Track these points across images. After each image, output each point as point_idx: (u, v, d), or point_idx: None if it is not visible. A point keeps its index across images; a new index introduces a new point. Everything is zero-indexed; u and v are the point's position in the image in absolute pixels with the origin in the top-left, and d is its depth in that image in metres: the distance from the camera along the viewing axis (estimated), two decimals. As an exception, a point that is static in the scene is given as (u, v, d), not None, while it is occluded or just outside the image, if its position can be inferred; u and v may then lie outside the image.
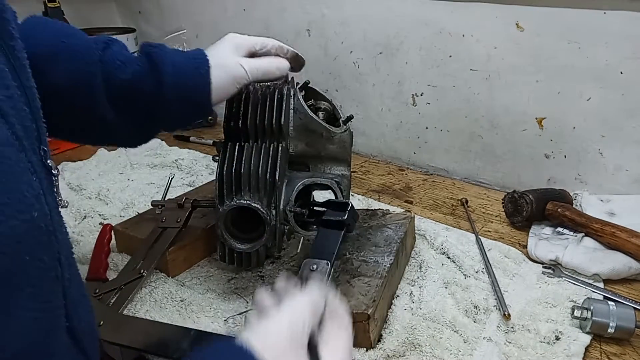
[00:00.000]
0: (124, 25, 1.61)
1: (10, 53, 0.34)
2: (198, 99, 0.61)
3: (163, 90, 0.59)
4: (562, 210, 0.85)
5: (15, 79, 0.34)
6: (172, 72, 0.59)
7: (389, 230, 0.77)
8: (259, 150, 0.69)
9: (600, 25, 0.87)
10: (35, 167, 0.33)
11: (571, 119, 0.96)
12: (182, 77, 0.60)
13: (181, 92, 0.60)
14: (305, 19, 1.23)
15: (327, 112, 0.77)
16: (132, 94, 0.60)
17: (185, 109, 0.62)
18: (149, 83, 0.60)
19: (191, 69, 0.60)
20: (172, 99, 0.60)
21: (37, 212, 0.30)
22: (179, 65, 0.60)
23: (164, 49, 0.62)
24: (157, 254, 0.74)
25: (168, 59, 0.60)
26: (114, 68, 0.59)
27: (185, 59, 0.61)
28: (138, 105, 0.61)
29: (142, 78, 0.60)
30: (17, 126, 0.31)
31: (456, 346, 0.63)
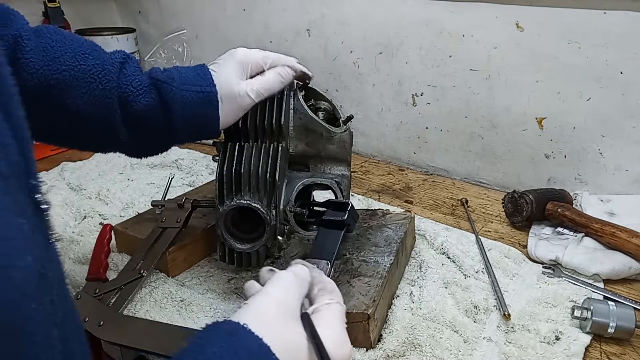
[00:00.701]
0: (124, 25, 1.61)
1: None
2: (207, 129, 0.64)
3: (174, 125, 0.63)
4: (562, 210, 0.85)
5: (2, 111, 0.31)
6: (181, 109, 0.62)
7: (389, 230, 0.77)
8: (259, 151, 0.69)
9: (600, 25, 0.87)
10: (22, 207, 0.31)
11: (571, 119, 0.96)
12: (191, 114, 0.62)
13: (191, 125, 0.63)
14: (305, 19, 1.23)
15: (327, 112, 0.77)
16: (145, 122, 0.62)
17: (195, 136, 0.66)
18: (160, 116, 0.62)
19: (200, 105, 0.62)
20: (182, 130, 0.64)
21: (30, 255, 0.29)
22: (188, 102, 0.62)
23: (172, 82, 0.62)
24: (157, 254, 0.74)
25: (177, 95, 0.61)
26: (129, 94, 0.60)
27: (194, 95, 0.62)
28: (150, 130, 0.64)
29: (153, 110, 0.62)
30: (1, 164, 0.29)
31: (456, 346, 0.63)
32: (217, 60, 0.66)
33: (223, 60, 0.65)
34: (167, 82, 0.61)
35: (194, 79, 0.63)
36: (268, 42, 1.32)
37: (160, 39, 1.49)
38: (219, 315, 0.68)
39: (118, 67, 0.61)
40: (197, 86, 0.62)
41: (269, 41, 1.32)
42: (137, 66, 0.64)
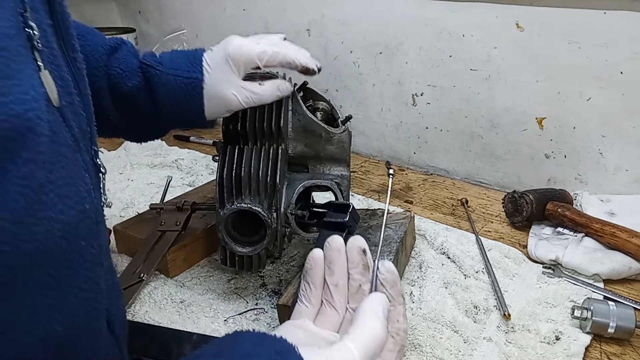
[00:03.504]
0: (124, 25, 1.61)
1: (72, 64, 0.38)
2: (192, 117, 0.64)
3: (159, 109, 0.63)
4: (562, 210, 0.85)
5: (76, 87, 0.38)
6: (165, 93, 0.62)
7: (389, 230, 0.77)
8: (259, 153, 0.68)
9: (600, 25, 0.87)
10: (87, 165, 0.37)
11: (571, 119, 0.96)
12: (174, 99, 0.62)
13: (175, 110, 0.63)
14: (305, 19, 1.23)
15: (326, 112, 0.77)
16: (132, 104, 0.64)
17: (181, 123, 0.67)
18: (145, 99, 0.63)
19: (184, 90, 0.62)
20: (167, 114, 0.64)
21: (88, 204, 0.34)
22: (171, 87, 0.62)
23: (159, 66, 0.62)
24: (156, 258, 0.74)
25: (162, 79, 0.62)
26: (116, 76, 0.62)
27: (178, 80, 0.62)
28: (138, 112, 0.65)
29: (139, 93, 0.63)
30: (75, 129, 0.35)
31: (456, 346, 0.63)
32: (212, 48, 0.65)
33: (216, 50, 0.63)
34: (153, 65, 0.62)
35: (183, 64, 0.62)
36: (268, 42, 1.32)
37: (160, 39, 1.49)
38: (219, 315, 0.68)
39: (109, 50, 0.62)
40: (184, 71, 0.62)
41: (268, 41, 1.32)
42: (131, 51, 0.65)
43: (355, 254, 0.44)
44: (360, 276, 0.43)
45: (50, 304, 0.31)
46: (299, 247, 0.81)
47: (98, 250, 0.36)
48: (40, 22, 0.33)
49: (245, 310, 0.69)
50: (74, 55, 0.39)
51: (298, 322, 0.43)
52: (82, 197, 0.33)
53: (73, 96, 0.36)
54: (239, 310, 0.69)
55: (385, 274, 0.42)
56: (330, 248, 0.44)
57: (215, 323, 0.67)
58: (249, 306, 0.70)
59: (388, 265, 0.43)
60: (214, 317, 0.68)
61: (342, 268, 0.43)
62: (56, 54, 0.35)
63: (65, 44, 0.37)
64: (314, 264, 0.44)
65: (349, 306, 0.43)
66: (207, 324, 0.67)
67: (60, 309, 0.32)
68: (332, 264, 0.43)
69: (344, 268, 0.44)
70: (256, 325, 0.67)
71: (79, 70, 0.39)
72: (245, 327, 0.66)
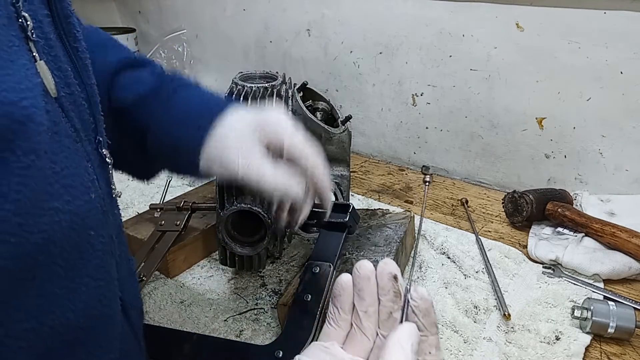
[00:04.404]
0: (124, 25, 1.61)
1: (74, 54, 0.37)
2: (185, 152, 0.51)
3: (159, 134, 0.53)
4: (562, 210, 0.85)
5: (77, 77, 0.37)
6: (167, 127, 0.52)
7: (389, 229, 0.77)
8: (259, 152, 0.68)
9: (600, 25, 0.87)
10: (90, 155, 0.37)
11: (571, 119, 0.96)
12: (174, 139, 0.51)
13: (172, 132, 0.52)
14: (305, 19, 1.23)
15: (325, 112, 0.77)
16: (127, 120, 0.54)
17: (173, 152, 0.53)
18: (147, 113, 0.54)
19: (186, 140, 0.50)
20: (161, 132, 0.53)
21: (93, 194, 0.34)
22: (177, 131, 0.51)
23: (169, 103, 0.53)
24: (156, 258, 0.74)
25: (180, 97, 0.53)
26: (122, 85, 0.54)
27: (186, 128, 0.50)
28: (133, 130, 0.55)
29: (141, 105, 0.54)
30: (75, 120, 0.35)
31: (456, 346, 0.63)
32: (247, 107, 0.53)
33: (247, 112, 0.51)
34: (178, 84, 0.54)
35: (210, 96, 0.53)
36: (268, 42, 1.32)
37: (160, 39, 1.49)
38: (219, 315, 0.68)
39: (114, 71, 0.54)
40: (208, 101, 0.52)
41: (269, 41, 1.32)
42: (155, 71, 0.56)
43: (386, 281, 0.41)
44: (392, 303, 0.40)
45: (62, 294, 0.31)
46: (299, 247, 0.81)
47: (108, 239, 0.37)
48: (35, 12, 0.32)
49: (245, 310, 0.69)
50: (75, 45, 0.38)
51: (326, 345, 0.41)
52: (87, 186, 0.33)
53: (73, 87, 0.36)
54: (239, 310, 0.69)
55: (418, 301, 0.40)
56: (359, 275, 0.41)
57: (215, 323, 0.67)
58: (249, 306, 0.70)
59: (421, 292, 0.40)
60: (214, 317, 0.68)
61: (372, 294, 0.41)
62: (53, 45, 0.34)
63: (66, 34, 0.37)
64: (342, 291, 0.41)
65: (380, 332, 0.41)
66: (207, 324, 0.67)
67: (72, 298, 0.32)
68: (362, 291, 0.41)
69: (374, 294, 0.41)
70: (256, 325, 0.67)
71: (81, 60, 0.38)
72: (245, 327, 0.66)
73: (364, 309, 0.41)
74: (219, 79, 1.49)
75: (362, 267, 0.41)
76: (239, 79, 0.73)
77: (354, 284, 0.41)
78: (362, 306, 0.41)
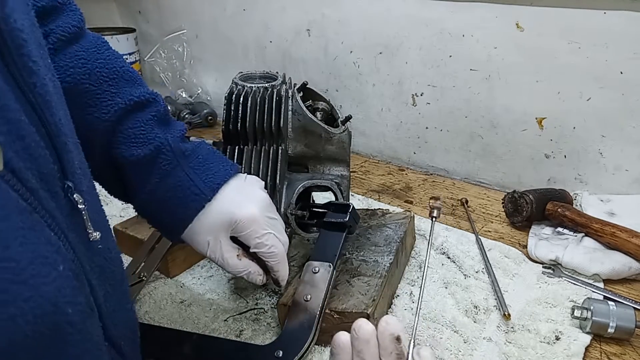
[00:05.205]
0: (124, 25, 1.61)
1: (30, 91, 0.32)
2: (172, 220, 0.57)
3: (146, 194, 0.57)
4: (562, 210, 0.85)
5: (34, 122, 0.32)
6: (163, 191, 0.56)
7: (389, 229, 0.77)
8: (259, 153, 0.69)
9: (600, 25, 0.87)
10: (53, 214, 0.32)
11: (571, 119, 0.96)
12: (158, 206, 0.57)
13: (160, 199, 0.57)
14: (305, 19, 1.23)
15: (325, 112, 0.77)
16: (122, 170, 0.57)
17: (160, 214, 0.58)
18: (138, 174, 0.56)
19: (184, 193, 0.56)
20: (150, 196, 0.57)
21: (62, 264, 0.31)
22: (164, 200, 0.56)
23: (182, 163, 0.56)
24: (156, 258, 0.74)
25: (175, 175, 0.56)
26: (124, 138, 0.55)
27: (171, 207, 0.56)
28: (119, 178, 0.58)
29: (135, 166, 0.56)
30: (31, 181, 0.30)
31: (456, 346, 0.63)
32: (239, 183, 0.59)
33: (228, 210, 0.56)
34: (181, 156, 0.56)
35: (211, 166, 0.57)
36: (268, 42, 1.32)
37: (160, 39, 1.49)
38: (219, 315, 0.68)
39: (120, 115, 0.54)
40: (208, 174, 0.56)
41: (269, 41, 1.32)
42: (157, 115, 0.56)
43: (388, 342, 0.39)
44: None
45: None
46: (299, 247, 0.81)
47: (85, 304, 0.34)
48: None
49: (245, 310, 0.69)
50: (31, 81, 0.32)
51: None
52: (52, 261, 0.30)
53: (29, 138, 0.30)
54: (239, 310, 0.69)
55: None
56: (358, 338, 0.39)
57: (215, 323, 0.67)
58: (249, 306, 0.70)
59: (424, 355, 0.38)
60: (214, 317, 0.68)
61: (373, 354, 0.39)
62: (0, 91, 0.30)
63: (19, 69, 0.31)
64: (341, 350, 0.40)
65: None
66: (207, 324, 0.67)
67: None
68: (362, 353, 0.39)
69: (374, 354, 0.39)
70: (256, 325, 0.67)
71: (40, 96, 0.33)
72: (245, 327, 0.66)
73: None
74: (219, 79, 1.49)
75: (361, 329, 0.39)
76: (239, 79, 0.73)
77: (353, 345, 0.40)
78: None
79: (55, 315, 0.29)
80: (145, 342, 0.49)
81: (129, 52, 1.49)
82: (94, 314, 0.35)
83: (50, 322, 0.29)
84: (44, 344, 0.29)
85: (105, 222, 0.43)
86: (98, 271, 0.38)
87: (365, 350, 0.39)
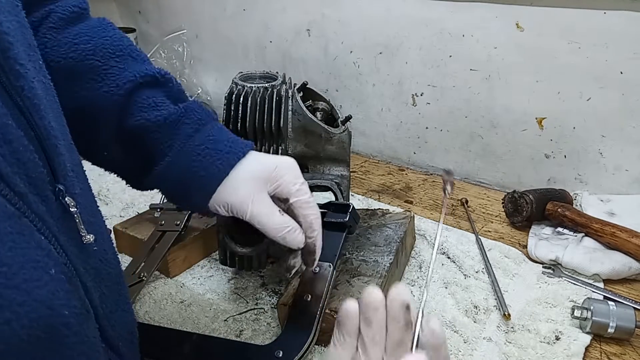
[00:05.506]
0: (124, 25, 1.61)
1: (18, 94, 0.32)
2: (196, 189, 0.53)
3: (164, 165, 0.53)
4: (562, 210, 0.85)
5: (21, 126, 0.31)
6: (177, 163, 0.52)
7: (389, 229, 0.77)
8: (259, 153, 0.68)
9: (600, 25, 0.87)
10: (43, 218, 0.32)
11: (571, 119, 0.96)
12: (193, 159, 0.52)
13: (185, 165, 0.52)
14: (305, 19, 1.23)
15: (325, 112, 0.77)
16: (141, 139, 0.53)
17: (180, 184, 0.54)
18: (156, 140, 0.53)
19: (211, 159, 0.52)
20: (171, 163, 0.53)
21: (53, 268, 0.30)
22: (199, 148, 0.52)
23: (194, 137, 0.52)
24: (156, 258, 0.74)
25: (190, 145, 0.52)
26: (135, 110, 0.52)
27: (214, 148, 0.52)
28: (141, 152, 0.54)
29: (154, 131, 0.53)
30: (19, 185, 0.30)
31: (456, 346, 0.63)
32: (266, 155, 0.55)
33: (260, 160, 0.54)
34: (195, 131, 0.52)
35: (227, 138, 0.53)
36: (268, 42, 1.32)
37: (160, 39, 1.49)
38: (219, 315, 0.68)
39: (130, 88, 0.52)
40: (227, 144, 0.52)
41: (269, 41, 1.32)
42: (172, 93, 0.54)
43: (398, 309, 0.38)
44: (402, 332, 0.38)
45: None
46: (299, 247, 0.81)
47: (80, 307, 0.33)
48: None
49: (246, 310, 0.69)
50: (18, 84, 0.32)
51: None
52: (44, 265, 0.30)
53: (16, 142, 0.30)
54: (239, 310, 0.69)
55: (429, 336, 0.37)
56: (367, 304, 0.38)
57: (215, 323, 0.67)
58: (249, 306, 0.70)
59: (433, 325, 0.37)
60: (214, 317, 0.68)
61: (381, 323, 0.39)
62: None
63: (5, 73, 0.31)
64: (347, 319, 0.39)
65: (386, 358, 0.38)
66: (207, 324, 0.67)
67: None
68: (369, 320, 0.38)
69: (382, 322, 0.39)
70: (256, 325, 0.67)
71: (28, 99, 0.32)
72: (245, 327, 0.66)
73: (371, 337, 0.38)
74: (219, 79, 1.49)
75: (371, 296, 0.39)
76: (239, 79, 0.73)
77: (361, 311, 0.39)
78: (368, 333, 0.39)
79: (51, 319, 0.30)
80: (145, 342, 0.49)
81: (129, 52, 1.49)
82: (89, 315, 0.35)
83: (46, 326, 0.29)
84: (41, 347, 0.29)
85: (101, 224, 0.43)
86: (93, 273, 0.38)
87: (373, 318, 0.38)
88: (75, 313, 0.32)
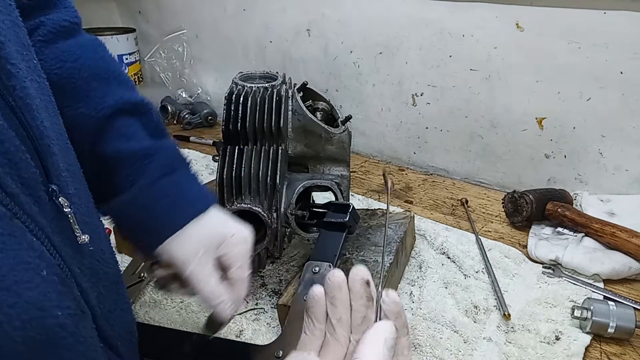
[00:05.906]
0: (124, 25, 1.61)
1: (9, 94, 0.32)
2: (147, 233, 0.52)
3: None
4: (562, 210, 0.85)
5: (13, 127, 0.31)
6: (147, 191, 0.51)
7: (389, 229, 0.77)
8: (259, 153, 0.69)
9: (600, 25, 0.87)
10: (36, 219, 0.31)
11: (571, 119, 0.96)
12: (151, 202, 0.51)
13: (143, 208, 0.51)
14: (305, 19, 1.23)
15: (325, 112, 0.77)
16: None
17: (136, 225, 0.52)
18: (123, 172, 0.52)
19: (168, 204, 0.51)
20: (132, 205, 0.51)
21: (45, 270, 0.30)
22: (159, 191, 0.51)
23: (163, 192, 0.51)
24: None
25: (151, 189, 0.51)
26: (110, 138, 0.51)
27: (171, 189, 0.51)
28: None
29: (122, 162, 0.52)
30: (11, 186, 0.30)
31: (456, 346, 0.63)
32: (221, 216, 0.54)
33: (215, 223, 0.53)
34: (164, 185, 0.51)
35: (194, 190, 0.53)
36: (268, 42, 1.32)
37: (160, 39, 1.49)
38: (219, 315, 0.68)
39: (109, 113, 0.51)
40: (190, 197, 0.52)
41: (269, 41, 1.32)
42: (140, 122, 0.53)
43: (358, 287, 0.41)
44: (364, 308, 0.41)
45: None
46: (299, 247, 0.81)
47: (74, 305, 0.33)
48: None
49: (246, 310, 0.69)
50: (10, 84, 0.32)
51: (304, 354, 0.41)
52: (35, 267, 0.30)
53: (8, 143, 0.30)
54: (239, 310, 0.69)
55: (390, 305, 0.40)
56: (331, 285, 0.42)
57: (215, 323, 0.67)
58: (249, 306, 0.70)
59: (392, 295, 0.41)
60: (214, 317, 0.68)
61: (345, 302, 0.41)
62: None
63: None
64: (315, 302, 0.42)
65: (352, 338, 0.41)
66: (207, 324, 0.67)
67: None
68: (334, 299, 0.41)
69: (346, 302, 0.42)
70: (256, 325, 0.67)
71: (20, 99, 0.32)
72: (245, 327, 0.66)
73: (337, 317, 0.41)
74: (219, 79, 1.49)
75: (334, 276, 0.42)
76: (239, 79, 0.73)
77: (326, 292, 0.42)
78: (335, 314, 0.41)
79: (44, 320, 0.29)
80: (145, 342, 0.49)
81: (129, 52, 1.49)
82: (85, 316, 0.35)
83: (40, 327, 0.29)
84: (37, 348, 0.29)
85: (97, 224, 0.43)
86: (89, 273, 0.38)
87: (338, 296, 0.41)
88: (70, 314, 0.32)
